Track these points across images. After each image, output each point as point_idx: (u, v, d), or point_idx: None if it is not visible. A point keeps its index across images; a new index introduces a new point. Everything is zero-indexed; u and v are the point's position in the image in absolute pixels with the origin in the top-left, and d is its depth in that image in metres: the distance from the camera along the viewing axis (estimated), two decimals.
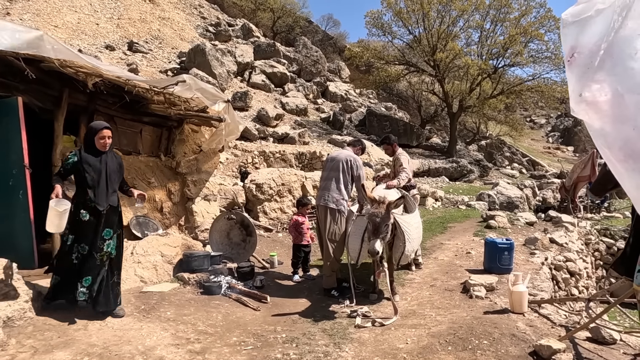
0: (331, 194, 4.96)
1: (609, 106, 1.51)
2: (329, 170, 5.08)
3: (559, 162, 25.75)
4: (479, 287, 4.75)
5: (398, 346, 3.53)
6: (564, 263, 6.99)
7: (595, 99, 1.54)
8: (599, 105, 1.53)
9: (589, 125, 1.59)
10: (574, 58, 1.65)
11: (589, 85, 1.56)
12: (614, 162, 1.56)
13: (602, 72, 1.54)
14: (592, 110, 1.55)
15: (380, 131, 20.23)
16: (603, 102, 1.52)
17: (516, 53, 20.51)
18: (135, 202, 4.26)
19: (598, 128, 1.56)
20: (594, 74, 1.56)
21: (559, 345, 3.00)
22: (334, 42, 32.72)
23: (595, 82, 1.55)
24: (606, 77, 1.52)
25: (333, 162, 5.08)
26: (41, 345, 3.46)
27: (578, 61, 1.64)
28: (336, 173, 5.00)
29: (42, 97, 4.96)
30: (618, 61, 1.49)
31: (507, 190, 12.33)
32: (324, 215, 5.01)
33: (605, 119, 1.53)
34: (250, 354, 3.44)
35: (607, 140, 1.56)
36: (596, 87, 1.55)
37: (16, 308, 3.74)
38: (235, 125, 6.08)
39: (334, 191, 4.95)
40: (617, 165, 1.57)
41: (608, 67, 1.53)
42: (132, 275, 4.94)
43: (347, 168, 4.98)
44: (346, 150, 5.28)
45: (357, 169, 5.01)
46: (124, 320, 4.02)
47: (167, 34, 21.78)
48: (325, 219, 4.99)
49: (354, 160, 5.04)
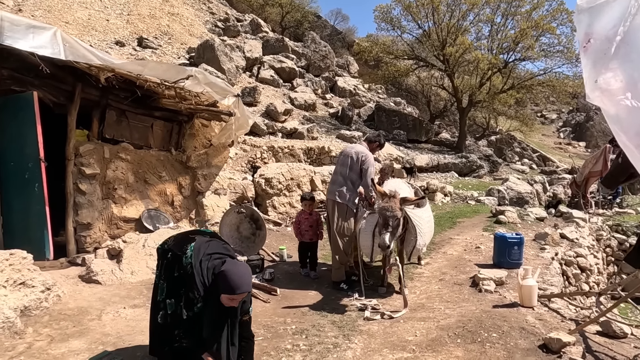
0: (340, 188, 4.95)
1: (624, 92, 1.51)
2: (339, 165, 5.08)
3: (570, 157, 25.46)
4: (488, 281, 4.75)
5: (407, 338, 3.56)
6: (574, 258, 6.95)
7: (610, 85, 1.54)
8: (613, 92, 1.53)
9: (605, 111, 1.59)
10: (589, 44, 1.65)
11: (604, 72, 1.56)
12: (630, 147, 1.56)
13: (617, 58, 1.54)
14: (606, 97, 1.55)
15: (389, 126, 20.15)
16: (618, 88, 1.52)
17: (527, 47, 20.23)
18: None
19: (613, 114, 1.56)
20: (609, 61, 1.56)
21: (568, 338, 3.00)
22: (342, 37, 32.58)
23: (610, 69, 1.55)
24: (621, 63, 1.52)
25: (342, 157, 5.08)
26: (57, 333, 3.55)
27: (593, 47, 1.63)
28: (344, 168, 4.98)
29: (56, 91, 5.04)
30: (633, 48, 1.49)
31: (517, 186, 12.25)
32: (332, 209, 5.03)
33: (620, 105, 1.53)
34: (261, 345, 3.48)
35: (622, 125, 1.56)
36: (611, 74, 1.55)
37: (32, 298, 3.84)
38: (245, 119, 6.12)
39: (342, 186, 4.94)
40: (634, 151, 1.57)
41: (623, 53, 1.53)
42: (144, 268, 5.01)
43: (355, 163, 4.93)
44: (359, 145, 5.20)
45: (365, 164, 4.91)
46: (136, 311, 4.10)
47: (176, 29, 21.84)
48: (333, 213, 5.00)
49: (364, 155, 4.94)
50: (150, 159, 5.98)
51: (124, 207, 5.56)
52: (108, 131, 5.56)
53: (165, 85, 5.20)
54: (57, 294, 4.13)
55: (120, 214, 5.52)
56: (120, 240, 5.24)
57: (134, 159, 5.75)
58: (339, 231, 4.96)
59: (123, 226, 5.53)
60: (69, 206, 5.09)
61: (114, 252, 5.14)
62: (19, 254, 3.85)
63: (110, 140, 5.64)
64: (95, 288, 4.64)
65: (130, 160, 5.68)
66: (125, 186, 5.62)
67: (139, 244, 5.19)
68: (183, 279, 2.63)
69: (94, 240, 5.28)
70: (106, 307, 4.13)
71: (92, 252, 5.19)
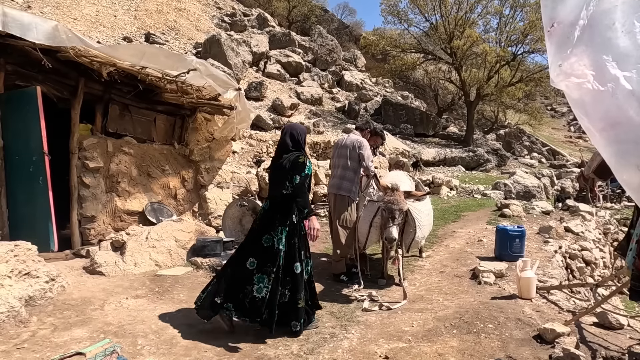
0: (340, 181, 4.97)
1: (587, 76, 1.51)
2: (336, 157, 5.08)
3: (580, 151, 25.14)
4: (488, 274, 4.75)
5: (403, 329, 3.58)
6: (579, 252, 6.90)
7: (573, 70, 1.54)
8: (576, 76, 1.53)
9: (568, 95, 1.59)
10: (553, 28, 1.65)
11: (568, 56, 1.56)
12: (593, 131, 1.57)
13: (581, 43, 1.53)
14: (570, 81, 1.55)
15: (396, 120, 20.08)
16: (581, 73, 1.52)
17: (536, 39, 19.96)
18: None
19: (577, 98, 1.56)
20: (573, 45, 1.55)
21: (562, 329, 3.00)
22: (349, 30, 32.44)
23: (573, 53, 1.55)
24: (585, 47, 1.52)
25: (339, 149, 5.07)
26: (60, 322, 3.63)
27: (557, 31, 1.63)
28: (342, 159, 4.98)
29: (60, 86, 5.12)
30: (597, 32, 1.49)
31: (523, 180, 12.14)
32: (333, 202, 5.04)
33: (583, 89, 1.53)
34: (259, 334, 3.53)
35: (586, 110, 1.56)
36: (574, 58, 1.55)
37: (37, 288, 3.93)
38: (246, 113, 6.15)
39: (342, 178, 4.96)
40: (596, 135, 1.57)
41: (587, 37, 1.53)
42: (147, 259, 5.10)
43: (353, 151, 4.93)
44: (353, 134, 5.19)
45: (361, 149, 4.91)
46: (138, 301, 4.17)
47: (183, 24, 21.92)
48: (335, 206, 5.02)
49: (359, 143, 4.95)
50: (153, 152, 6.05)
51: (128, 200, 5.64)
52: (111, 125, 5.63)
53: (167, 79, 5.25)
54: (61, 285, 4.21)
55: (124, 207, 5.60)
56: (123, 233, 5.32)
57: (137, 152, 5.83)
58: (342, 224, 4.97)
59: (127, 219, 5.62)
60: (74, 199, 5.18)
61: (117, 244, 5.23)
62: (24, 245, 3.93)
63: (113, 134, 5.72)
64: (99, 279, 4.73)
65: (133, 154, 5.76)
66: (129, 179, 5.70)
67: (142, 237, 5.27)
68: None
69: (98, 233, 5.37)
70: (109, 298, 4.20)
71: (96, 244, 5.28)
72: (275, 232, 3.41)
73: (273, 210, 3.49)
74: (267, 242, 3.43)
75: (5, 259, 3.74)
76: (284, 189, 3.43)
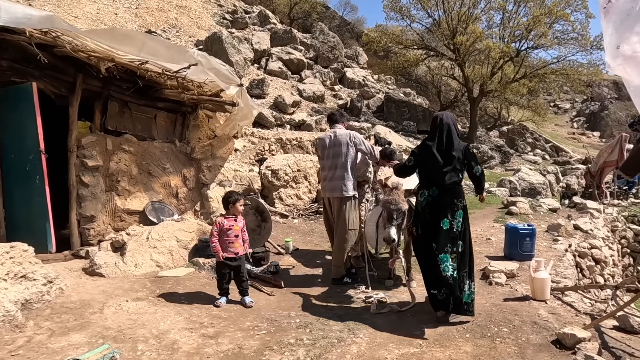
0: (343, 182, 4.75)
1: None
2: (331, 158, 4.83)
3: (584, 147, 24.95)
4: (498, 274, 4.61)
5: (414, 332, 3.45)
6: (588, 250, 6.75)
7: (636, 51, 1.37)
8: (639, 59, 1.36)
9: (628, 82, 1.42)
10: (610, 4, 1.47)
11: (628, 36, 1.38)
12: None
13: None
14: (631, 65, 1.38)
15: (398, 117, 19.90)
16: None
17: (540, 35, 19.73)
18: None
19: (638, 85, 1.39)
20: (635, 23, 1.38)
21: (583, 334, 2.86)
22: (351, 27, 32.23)
23: (635, 32, 1.37)
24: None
25: (334, 149, 4.82)
26: (58, 327, 3.50)
27: (615, 8, 1.45)
28: (338, 159, 4.77)
29: (57, 83, 4.98)
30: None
31: (529, 176, 11.99)
32: (339, 206, 4.81)
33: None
34: (264, 339, 3.40)
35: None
36: (636, 38, 1.37)
37: (34, 291, 3.80)
38: (249, 109, 6.00)
39: (343, 178, 4.75)
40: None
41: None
42: (148, 260, 4.96)
43: (351, 147, 4.76)
44: (338, 129, 4.90)
45: (361, 145, 4.77)
46: (138, 304, 4.04)
47: (184, 22, 21.78)
48: (341, 210, 4.80)
49: (353, 137, 4.77)
50: (154, 150, 5.91)
51: (128, 200, 5.51)
52: (110, 123, 5.49)
53: (167, 75, 5.11)
54: (59, 287, 4.08)
55: (124, 206, 5.46)
56: (124, 233, 5.19)
57: (138, 150, 5.68)
58: (352, 227, 4.80)
59: (127, 218, 5.49)
60: (72, 199, 5.04)
61: (117, 244, 5.10)
62: (20, 247, 3.81)
63: (113, 132, 5.57)
64: (99, 281, 4.60)
65: (133, 152, 5.62)
66: (129, 178, 5.57)
67: (142, 237, 5.14)
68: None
69: (97, 233, 5.24)
70: (108, 300, 4.07)
71: (95, 244, 5.15)
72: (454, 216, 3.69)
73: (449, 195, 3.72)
74: (445, 225, 3.65)
75: (1, 262, 3.61)
76: (459, 176, 3.75)
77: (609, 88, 40.38)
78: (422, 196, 3.82)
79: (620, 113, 34.58)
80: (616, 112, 35.07)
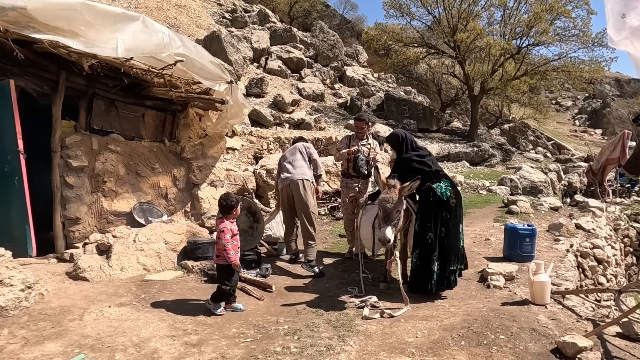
0: (307, 170, 5.33)
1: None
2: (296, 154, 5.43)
3: (586, 145, 24.71)
4: (497, 276, 4.43)
5: (407, 340, 3.27)
6: (590, 250, 6.57)
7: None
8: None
9: (634, 57, 1.24)
10: None
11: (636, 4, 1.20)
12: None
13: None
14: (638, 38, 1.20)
15: (399, 116, 19.72)
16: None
17: (541, 31, 19.52)
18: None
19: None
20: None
21: (585, 343, 2.68)
22: (351, 25, 32.07)
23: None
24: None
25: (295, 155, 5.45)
26: (33, 336, 3.34)
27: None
28: (296, 155, 5.43)
29: (39, 80, 4.81)
30: None
31: (530, 175, 11.79)
32: (300, 189, 5.17)
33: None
34: (249, 347, 3.23)
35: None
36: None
37: (10, 297, 3.64)
38: (239, 107, 5.82)
39: (304, 167, 5.32)
40: None
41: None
42: (135, 264, 4.80)
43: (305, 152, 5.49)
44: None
45: (313, 155, 5.53)
46: (121, 310, 3.87)
47: (183, 21, 21.63)
48: (303, 193, 5.17)
49: (307, 147, 5.55)
50: (142, 150, 5.74)
51: (115, 201, 5.34)
52: (96, 122, 5.32)
53: (154, 72, 4.93)
54: (39, 292, 3.92)
55: (111, 208, 5.29)
56: (110, 235, 5.03)
57: (125, 150, 5.51)
58: (313, 210, 5.26)
59: (114, 220, 5.32)
60: (56, 200, 4.87)
61: (103, 247, 4.94)
62: None
63: (99, 131, 5.39)
64: (82, 285, 4.43)
65: (120, 152, 5.45)
66: (116, 179, 5.40)
67: (129, 239, 4.98)
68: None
69: (82, 236, 5.07)
70: (90, 306, 3.91)
71: (80, 247, 4.98)
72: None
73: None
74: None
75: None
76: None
77: (611, 85, 40.12)
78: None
79: (622, 110, 34.32)
80: (618, 109, 34.81)
